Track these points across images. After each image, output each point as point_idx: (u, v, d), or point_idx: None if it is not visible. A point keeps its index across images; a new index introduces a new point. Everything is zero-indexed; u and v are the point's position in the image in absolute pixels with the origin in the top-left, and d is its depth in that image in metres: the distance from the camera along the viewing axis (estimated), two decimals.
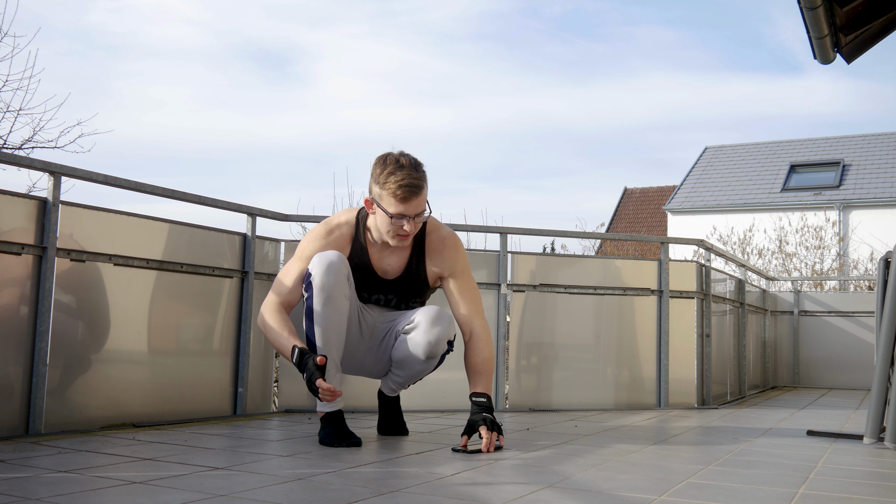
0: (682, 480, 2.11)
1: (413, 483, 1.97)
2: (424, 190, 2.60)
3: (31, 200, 2.66)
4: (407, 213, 2.57)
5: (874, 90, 37.22)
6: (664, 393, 4.34)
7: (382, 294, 2.79)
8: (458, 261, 2.79)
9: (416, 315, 2.67)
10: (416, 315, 2.67)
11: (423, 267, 2.76)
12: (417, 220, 2.61)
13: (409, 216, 2.58)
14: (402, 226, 2.58)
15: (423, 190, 2.59)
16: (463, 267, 2.80)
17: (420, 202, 2.59)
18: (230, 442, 2.65)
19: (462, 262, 2.80)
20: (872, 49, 4.17)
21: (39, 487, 1.81)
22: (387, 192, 2.56)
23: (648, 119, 41.64)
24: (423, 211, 2.62)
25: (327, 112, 41.20)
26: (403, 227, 2.59)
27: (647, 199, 27.58)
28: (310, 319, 2.57)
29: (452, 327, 2.70)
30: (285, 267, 2.74)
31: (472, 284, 2.80)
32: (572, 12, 42.95)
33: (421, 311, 2.67)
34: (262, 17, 40.39)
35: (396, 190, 2.53)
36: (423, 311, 2.66)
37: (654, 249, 14.15)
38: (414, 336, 2.65)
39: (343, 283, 2.58)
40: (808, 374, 6.84)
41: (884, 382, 2.91)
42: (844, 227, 17.61)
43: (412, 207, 2.57)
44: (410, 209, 2.57)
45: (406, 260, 2.75)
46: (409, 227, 2.59)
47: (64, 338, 2.76)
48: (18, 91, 8.40)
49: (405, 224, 2.58)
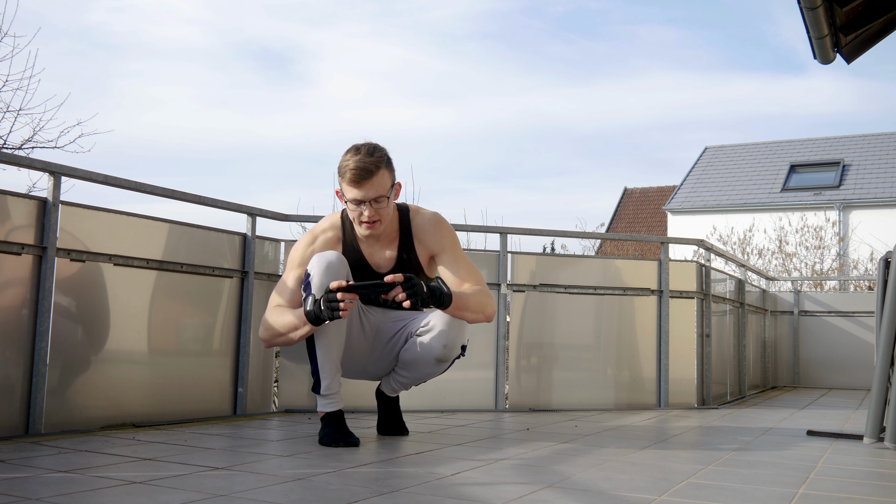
0: (682, 480, 2.11)
1: (413, 483, 1.97)
2: (380, 174, 2.56)
3: (31, 200, 2.66)
4: (362, 197, 2.55)
5: (876, 89, 37.25)
6: (664, 393, 4.34)
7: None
8: (445, 237, 2.75)
9: (431, 318, 2.66)
10: (431, 318, 2.66)
11: (413, 254, 2.74)
12: (378, 206, 2.58)
13: (364, 200, 2.56)
14: (364, 212, 2.57)
15: (377, 174, 2.55)
16: (451, 243, 2.75)
17: (375, 185, 2.55)
18: (230, 442, 2.65)
19: (449, 238, 2.75)
20: (874, 49, 4.17)
21: (39, 487, 1.81)
22: (343, 178, 2.57)
23: (650, 119, 41.67)
24: (382, 196, 2.58)
25: (328, 112, 41.23)
26: (365, 214, 2.58)
27: (647, 199, 27.58)
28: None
29: (467, 332, 2.69)
30: (280, 280, 2.74)
31: (464, 260, 2.74)
32: (574, 11, 42.97)
33: (437, 314, 2.65)
34: (264, 17, 40.45)
35: (348, 174, 2.54)
36: (438, 315, 2.64)
37: (654, 249, 14.15)
38: (428, 339, 2.64)
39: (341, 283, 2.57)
40: (808, 374, 6.84)
41: (884, 382, 2.91)
42: (844, 227, 17.61)
43: (366, 190, 2.55)
44: (364, 192, 2.55)
45: (396, 251, 2.75)
46: (369, 212, 2.57)
47: (64, 338, 2.76)
48: (18, 91, 8.40)
49: (364, 210, 2.57)
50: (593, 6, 43.06)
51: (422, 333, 2.67)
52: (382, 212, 2.61)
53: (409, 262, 2.75)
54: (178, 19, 37.31)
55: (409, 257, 2.75)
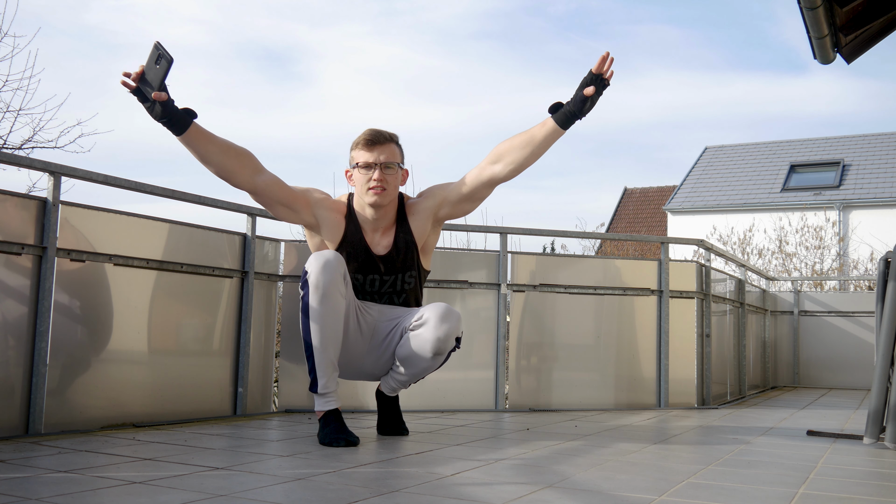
0: (682, 480, 2.11)
1: (413, 483, 1.97)
2: (392, 145, 2.74)
3: (31, 200, 2.66)
4: (373, 160, 2.69)
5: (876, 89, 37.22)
6: (664, 393, 4.34)
7: (377, 274, 2.79)
8: (432, 188, 2.87)
9: (424, 311, 2.68)
10: (424, 311, 2.68)
11: (410, 236, 2.81)
12: (387, 173, 2.70)
13: (376, 163, 2.68)
14: (373, 175, 2.68)
15: (391, 142, 2.74)
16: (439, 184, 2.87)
17: (387, 150, 2.71)
18: (230, 442, 2.65)
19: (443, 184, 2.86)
20: (876, 47, 4.17)
21: (39, 487, 1.81)
22: (356, 146, 2.74)
23: (651, 118, 41.61)
24: (393, 162, 2.72)
25: (329, 111, 41.19)
26: (374, 177, 2.67)
27: (647, 199, 27.58)
28: (305, 316, 2.58)
29: (461, 324, 2.71)
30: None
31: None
32: (576, 11, 42.95)
33: (429, 307, 2.68)
34: (265, 16, 40.41)
35: (362, 139, 2.72)
36: (431, 308, 2.67)
37: (654, 249, 14.15)
38: (422, 332, 2.65)
39: (339, 282, 2.58)
40: (808, 374, 6.84)
41: (884, 382, 2.91)
42: (844, 227, 17.61)
43: (377, 153, 2.70)
44: (375, 155, 2.70)
45: (394, 234, 2.80)
46: (378, 174, 2.68)
47: (64, 338, 2.76)
48: (18, 91, 8.41)
49: (374, 174, 2.68)
50: (595, 5, 43.08)
51: (416, 327, 2.68)
52: (390, 179, 2.71)
53: (406, 246, 2.80)
54: (180, 19, 37.32)
55: (407, 241, 2.80)
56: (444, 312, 2.65)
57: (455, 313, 2.68)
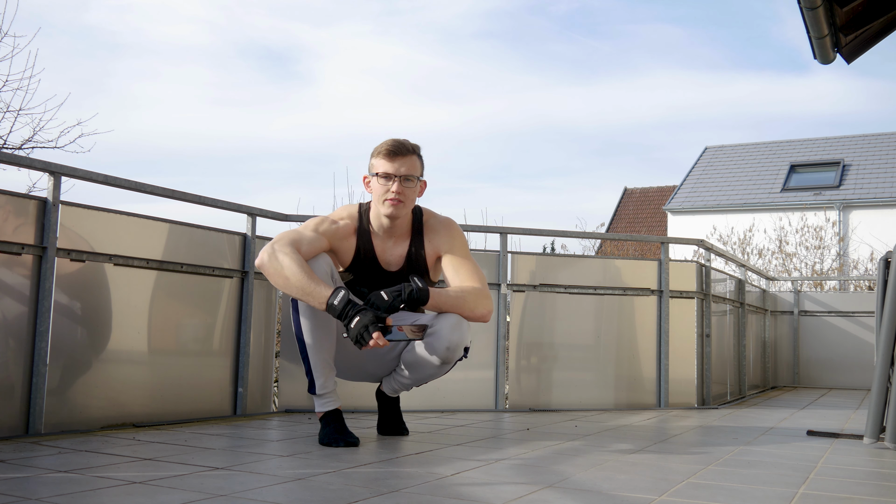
0: (682, 480, 2.11)
1: (413, 483, 1.97)
2: (415, 156, 2.71)
3: (31, 200, 2.66)
4: (394, 171, 2.65)
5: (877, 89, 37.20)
6: (664, 393, 4.34)
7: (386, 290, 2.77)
8: (455, 239, 2.80)
9: (435, 320, 2.65)
10: (435, 320, 2.65)
11: (422, 253, 2.77)
12: (406, 185, 2.67)
13: (396, 175, 2.65)
14: (391, 187, 2.64)
15: (413, 154, 2.70)
16: (460, 245, 2.79)
17: (408, 163, 2.68)
18: (230, 442, 2.65)
19: (458, 241, 2.80)
20: (879, 47, 4.17)
21: (39, 487, 1.81)
22: (377, 154, 2.70)
23: (651, 118, 41.59)
24: (413, 175, 2.68)
25: (330, 111, 41.19)
26: (392, 189, 2.64)
27: (647, 199, 27.58)
28: (296, 312, 2.58)
29: (470, 334, 2.69)
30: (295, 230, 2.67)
31: (469, 263, 2.75)
32: (578, 10, 42.92)
33: (440, 316, 2.65)
34: (266, 16, 40.39)
35: (384, 149, 2.68)
36: (441, 317, 2.64)
37: (654, 249, 14.15)
38: (432, 340, 2.63)
39: (326, 279, 2.57)
40: (808, 374, 6.84)
41: (884, 382, 2.91)
42: (844, 227, 17.61)
43: (398, 165, 2.66)
44: (396, 167, 2.66)
45: (406, 249, 2.77)
46: (397, 186, 2.64)
47: (64, 338, 2.76)
48: (18, 91, 8.40)
49: (393, 185, 2.64)
50: (597, 4, 43.07)
51: (427, 335, 2.66)
52: (408, 192, 2.68)
53: (418, 261, 2.77)
54: (180, 18, 37.30)
55: (418, 255, 2.77)
56: (454, 322, 2.62)
57: (465, 324, 2.65)
